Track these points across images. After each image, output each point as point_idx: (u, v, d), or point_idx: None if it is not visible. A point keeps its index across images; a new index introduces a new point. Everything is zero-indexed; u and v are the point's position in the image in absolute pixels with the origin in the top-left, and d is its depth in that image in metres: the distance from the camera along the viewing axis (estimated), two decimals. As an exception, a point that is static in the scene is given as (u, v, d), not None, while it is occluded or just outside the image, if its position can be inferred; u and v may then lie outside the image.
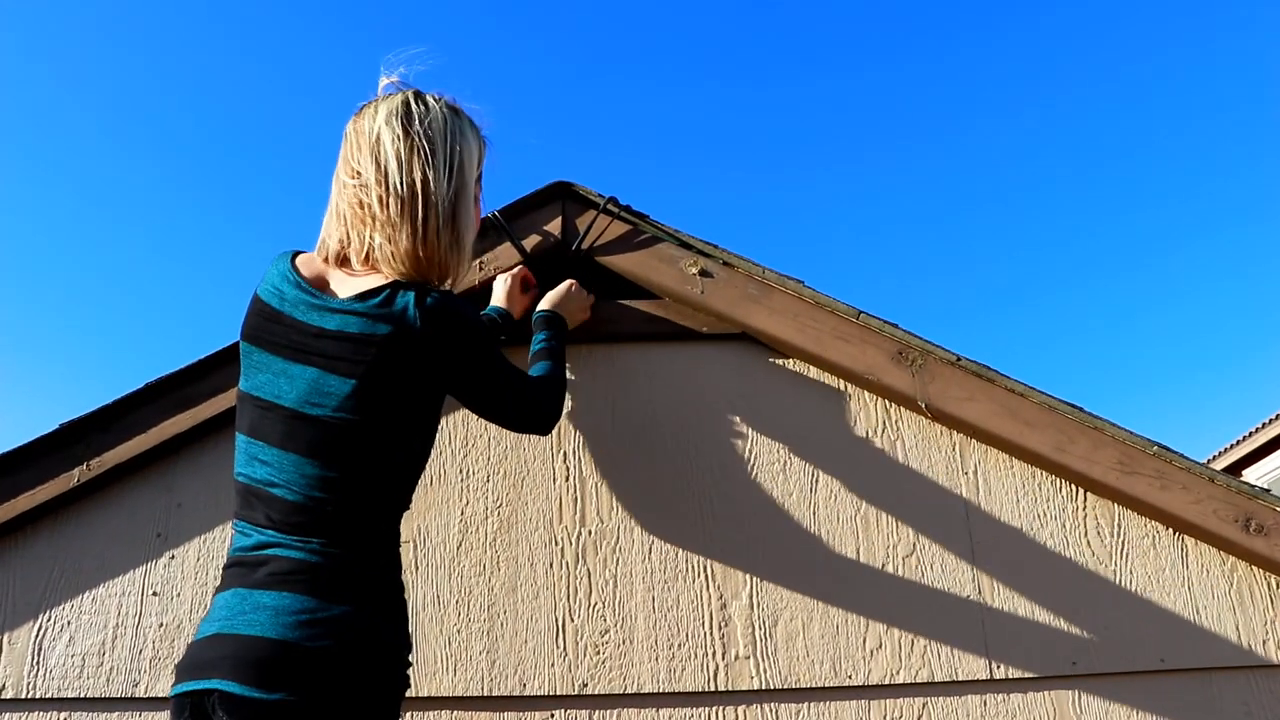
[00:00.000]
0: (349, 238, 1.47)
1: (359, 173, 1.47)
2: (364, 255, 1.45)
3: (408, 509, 1.48)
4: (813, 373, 2.05)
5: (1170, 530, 1.96)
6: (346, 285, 1.45)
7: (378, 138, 1.47)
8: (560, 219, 2.09)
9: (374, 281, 1.43)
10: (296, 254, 1.52)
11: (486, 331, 1.53)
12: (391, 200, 1.44)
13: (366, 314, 1.39)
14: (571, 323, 1.93)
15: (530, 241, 2.07)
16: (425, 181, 1.45)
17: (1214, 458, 13.03)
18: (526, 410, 1.65)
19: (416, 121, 1.48)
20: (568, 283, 1.96)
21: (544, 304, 1.93)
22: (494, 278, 2.02)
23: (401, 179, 1.44)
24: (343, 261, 1.49)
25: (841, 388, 2.05)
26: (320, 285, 1.46)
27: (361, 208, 1.45)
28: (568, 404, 2.00)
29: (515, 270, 2.00)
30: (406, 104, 1.51)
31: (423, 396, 1.44)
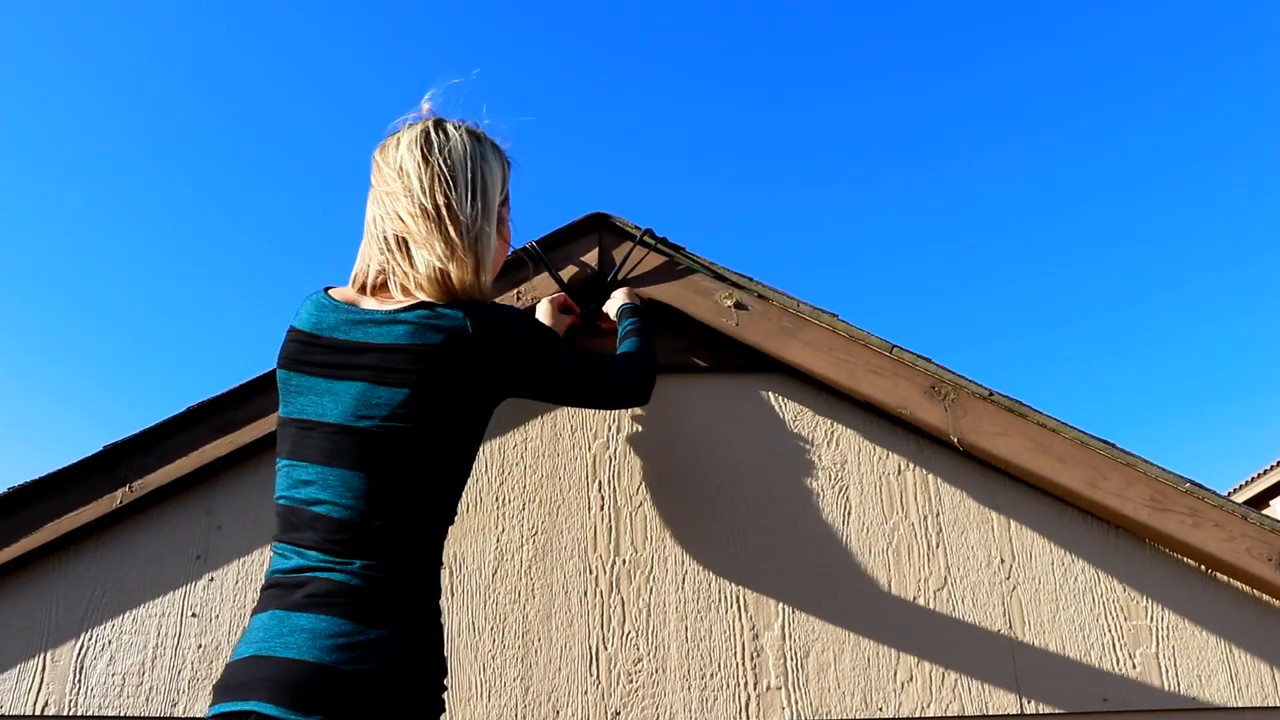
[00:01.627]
0: (384, 264, 1.50)
1: (387, 200, 1.51)
2: (398, 280, 1.48)
3: (451, 524, 1.50)
4: (846, 406, 2.07)
5: (1202, 567, 1.96)
6: (385, 307, 1.48)
7: (401, 166, 1.51)
8: (597, 250, 2.11)
9: (411, 302, 1.46)
10: (329, 289, 1.55)
11: (541, 325, 1.56)
12: (420, 225, 1.47)
13: (417, 323, 1.41)
14: None
15: (568, 272, 2.09)
16: (449, 205, 1.48)
17: (1237, 489, 12.91)
18: (615, 385, 1.73)
19: (436, 149, 1.52)
20: (624, 290, 2.05)
21: (622, 299, 2.02)
22: (533, 307, 2.05)
23: (427, 204, 1.48)
24: (377, 289, 1.51)
25: (875, 421, 2.06)
26: (359, 309, 1.49)
27: (392, 234, 1.49)
28: (603, 434, 2.02)
29: (555, 296, 2.04)
30: (426, 132, 1.54)
31: (474, 406, 1.46)
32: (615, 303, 2.00)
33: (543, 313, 2.01)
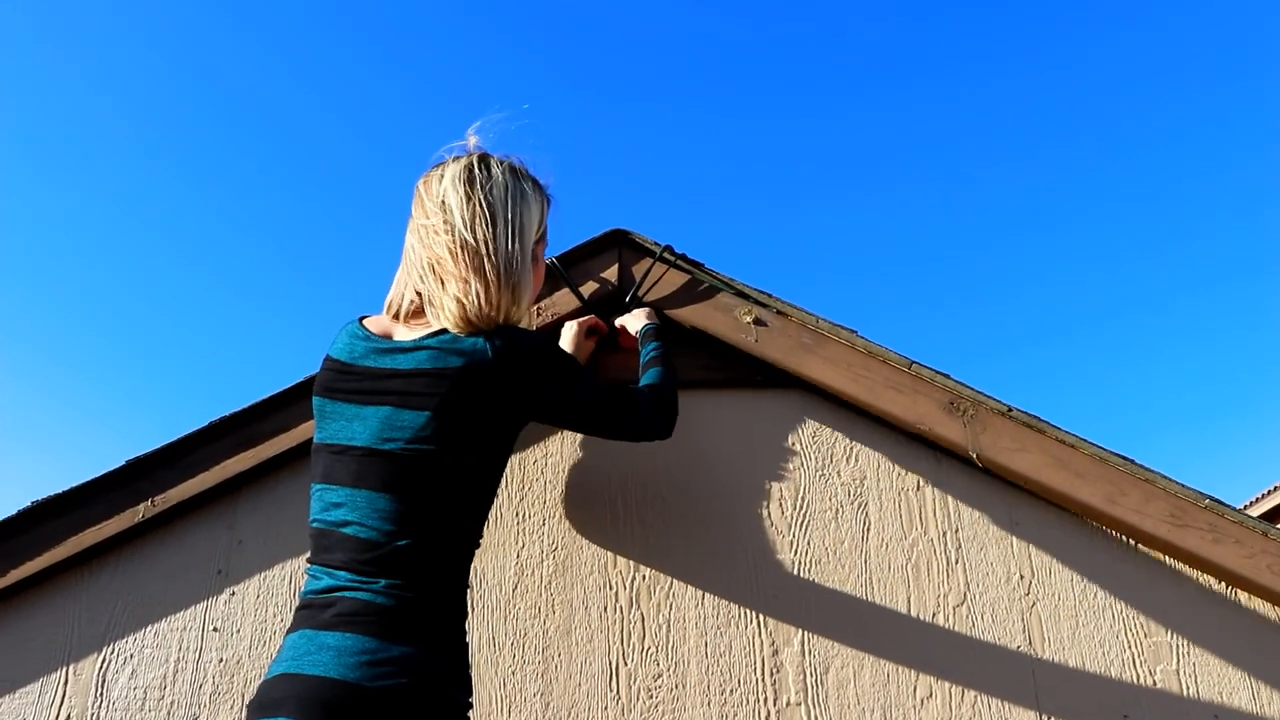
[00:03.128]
0: (420, 293, 1.53)
1: (427, 231, 1.53)
2: (439, 307, 1.51)
3: (478, 546, 1.52)
4: (865, 422, 2.08)
5: (1223, 584, 1.96)
6: (414, 334, 1.51)
7: (443, 200, 1.54)
8: (617, 266, 2.13)
9: (437, 328, 1.49)
10: (364, 318, 1.60)
11: (564, 354, 1.58)
12: (459, 259, 1.50)
13: (439, 348, 1.45)
14: None
15: (587, 288, 2.11)
16: (488, 241, 1.52)
17: (1254, 502, 12.84)
18: (637, 419, 1.71)
19: (479, 185, 1.55)
20: (644, 310, 2.04)
21: (644, 320, 1.99)
22: (552, 323, 2.06)
23: (468, 236, 1.50)
24: (414, 315, 1.55)
25: (894, 437, 2.07)
26: (389, 339, 1.53)
27: (429, 265, 1.52)
28: (623, 448, 2.03)
29: (584, 319, 2.04)
30: (470, 168, 1.58)
31: (496, 429, 1.48)
32: (637, 322, 2.00)
33: (569, 334, 2.02)
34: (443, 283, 1.50)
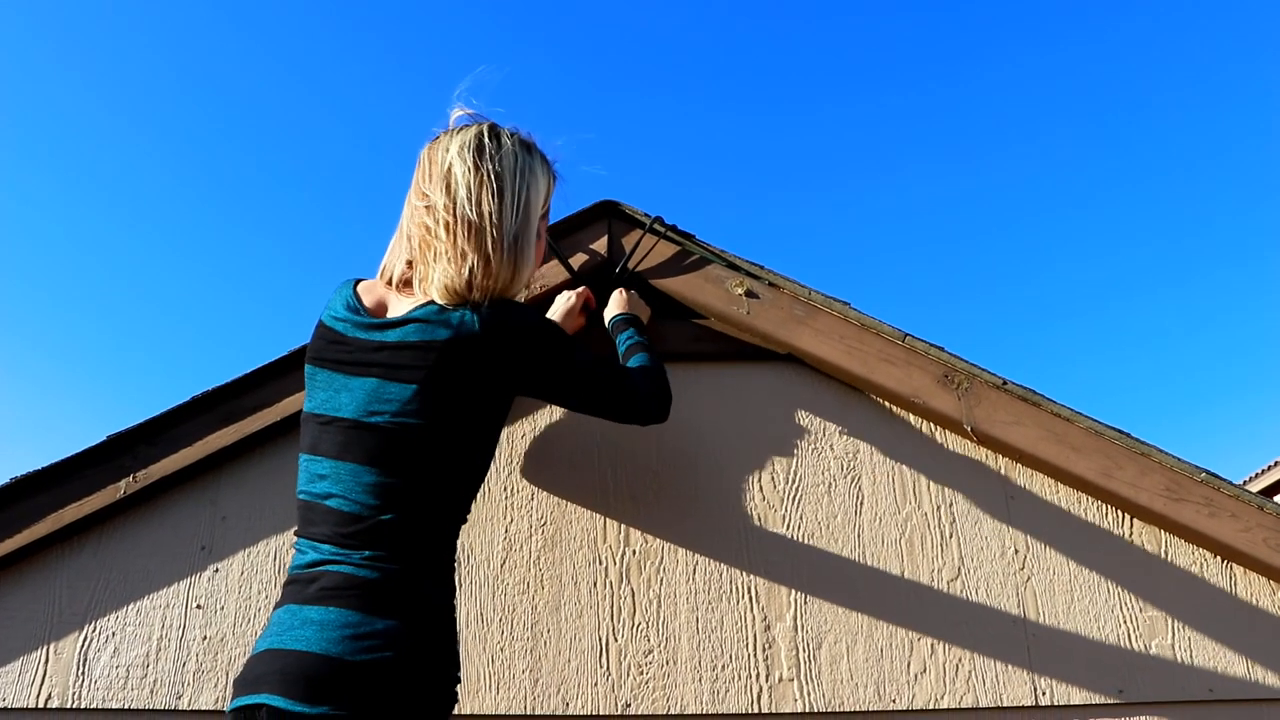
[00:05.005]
0: (414, 262, 1.49)
1: (429, 198, 1.49)
2: (425, 280, 1.47)
3: (464, 523, 1.49)
4: (858, 395, 2.05)
5: (1218, 558, 1.94)
6: (405, 305, 1.48)
7: (449, 168, 1.49)
8: (606, 238, 2.09)
9: (426, 300, 1.46)
10: (358, 281, 1.55)
11: (556, 328, 1.54)
12: (459, 229, 1.46)
13: (425, 320, 1.42)
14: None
15: (577, 260, 2.07)
16: (491, 214, 1.47)
17: (1252, 478, 12.89)
18: (637, 398, 1.68)
19: (488, 156, 1.50)
20: (623, 292, 1.98)
21: (616, 310, 1.94)
22: (542, 295, 2.03)
23: (470, 210, 1.46)
24: (405, 285, 1.51)
25: (887, 410, 2.04)
26: (380, 311, 1.50)
27: (428, 233, 1.48)
28: (613, 423, 2.00)
29: (580, 290, 2.00)
30: (480, 137, 1.52)
31: (484, 404, 1.45)
32: (610, 309, 1.96)
33: (561, 307, 1.97)
34: (435, 255, 1.46)
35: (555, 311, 1.97)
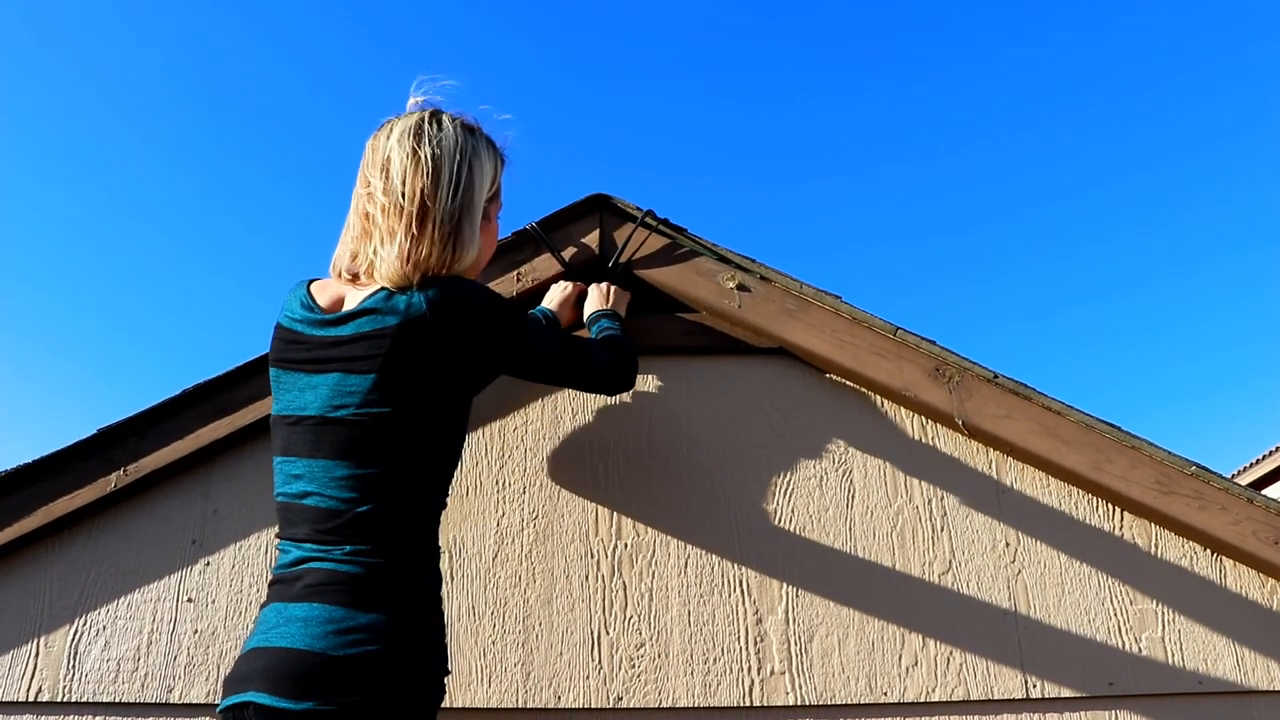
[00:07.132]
0: (357, 252, 1.50)
1: (370, 184, 1.50)
2: (367, 268, 1.47)
3: (443, 509, 1.49)
4: (850, 388, 2.05)
5: (1208, 551, 1.95)
6: (358, 297, 1.48)
7: (387, 156, 1.50)
8: (598, 231, 2.09)
9: (374, 289, 1.46)
10: (312, 281, 1.56)
11: (505, 301, 1.53)
12: (393, 211, 1.46)
13: (375, 309, 1.42)
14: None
15: (568, 253, 2.07)
16: (425, 196, 1.47)
17: (1241, 471, 12.93)
18: (598, 365, 1.73)
19: (426, 139, 1.50)
20: (599, 287, 1.98)
21: (596, 306, 1.95)
22: (533, 288, 2.03)
23: (403, 193, 1.46)
24: (355, 277, 1.51)
25: (879, 404, 2.04)
26: (336, 307, 1.50)
27: (366, 219, 1.49)
28: (605, 417, 2.00)
29: (575, 283, 2.01)
30: (420, 122, 1.53)
31: (446, 384, 1.44)
32: (589, 305, 1.97)
33: (558, 295, 1.98)
34: (380, 239, 1.46)
35: (550, 301, 1.97)
